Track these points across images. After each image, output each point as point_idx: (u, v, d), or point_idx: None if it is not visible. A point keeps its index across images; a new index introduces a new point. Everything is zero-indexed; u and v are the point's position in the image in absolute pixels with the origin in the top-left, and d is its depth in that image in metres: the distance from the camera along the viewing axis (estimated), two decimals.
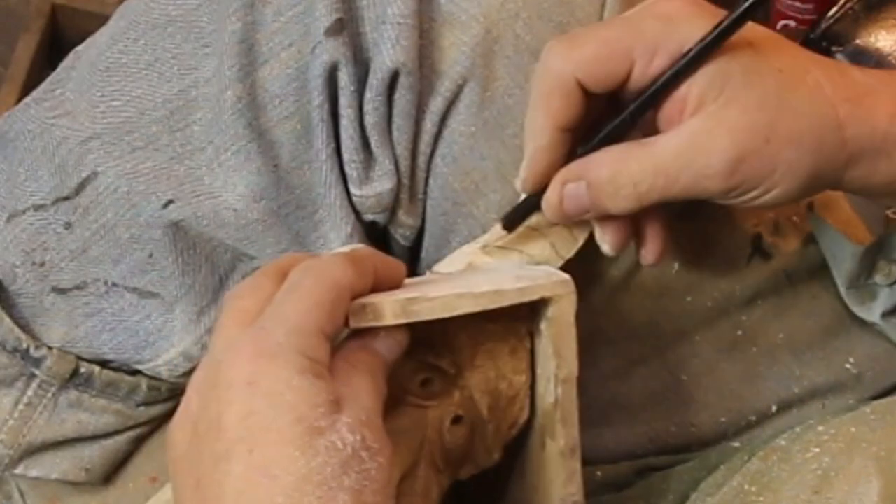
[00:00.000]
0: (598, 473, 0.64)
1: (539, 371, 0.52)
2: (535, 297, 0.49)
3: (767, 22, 1.20)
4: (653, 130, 0.51)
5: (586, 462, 0.52)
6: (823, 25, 0.70)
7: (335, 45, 0.56)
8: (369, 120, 0.58)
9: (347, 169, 0.59)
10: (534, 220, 0.56)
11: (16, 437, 0.63)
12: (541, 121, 0.52)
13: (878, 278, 0.62)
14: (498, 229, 0.57)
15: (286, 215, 0.59)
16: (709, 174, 0.49)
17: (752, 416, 0.64)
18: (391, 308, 0.46)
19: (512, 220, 0.56)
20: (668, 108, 0.50)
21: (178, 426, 0.45)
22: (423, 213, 0.62)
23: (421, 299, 0.46)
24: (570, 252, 0.57)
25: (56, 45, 1.19)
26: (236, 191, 0.58)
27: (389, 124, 0.58)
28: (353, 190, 0.59)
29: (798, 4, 1.17)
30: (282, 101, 0.58)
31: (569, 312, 0.50)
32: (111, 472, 0.67)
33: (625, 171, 0.50)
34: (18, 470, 0.64)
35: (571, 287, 0.50)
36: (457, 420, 0.51)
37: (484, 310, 0.48)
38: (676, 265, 0.63)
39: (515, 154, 0.59)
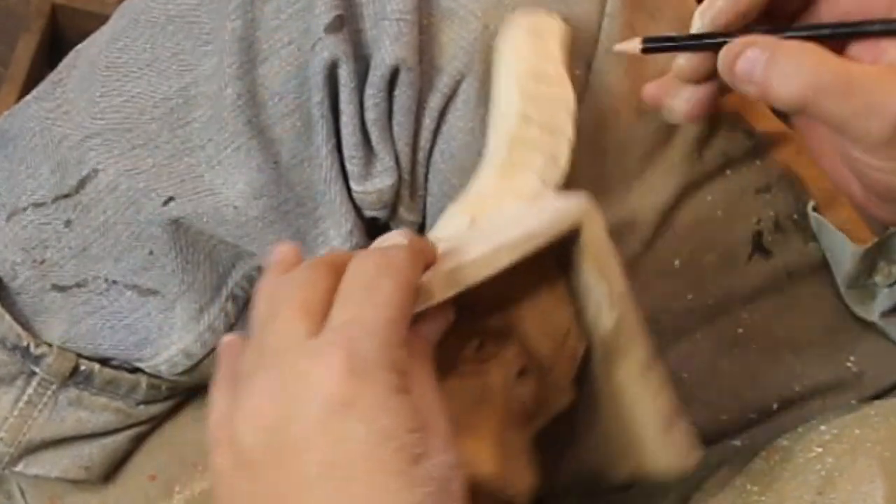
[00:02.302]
0: None
1: (583, 303, 0.51)
2: (565, 225, 0.48)
3: None
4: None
5: None
6: None
7: (335, 42, 0.56)
8: (370, 116, 0.58)
9: (348, 165, 0.59)
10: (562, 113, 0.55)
11: (16, 435, 0.63)
12: None
13: (878, 279, 0.62)
14: (484, 178, 0.56)
15: (286, 212, 0.59)
16: (882, 113, 0.48)
17: (752, 414, 0.64)
18: (438, 284, 0.44)
19: (655, 45, 0.55)
20: (865, 46, 0.50)
21: (249, 429, 0.41)
22: (424, 209, 0.62)
23: (462, 266, 0.45)
24: (556, 178, 0.55)
25: (56, 45, 1.19)
26: (236, 188, 0.58)
27: (390, 120, 0.58)
28: (353, 186, 0.59)
29: None
30: (282, 99, 0.58)
31: (601, 231, 0.49)
32: (111, 471, 0.67)
33: (811, 66, 0.49)
34: (19, 468, 0.64)
35: (593, 204, 0.49)
36: (521, 373, 0.50)
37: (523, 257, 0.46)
38: (677, 262, 0.63)
39: None
